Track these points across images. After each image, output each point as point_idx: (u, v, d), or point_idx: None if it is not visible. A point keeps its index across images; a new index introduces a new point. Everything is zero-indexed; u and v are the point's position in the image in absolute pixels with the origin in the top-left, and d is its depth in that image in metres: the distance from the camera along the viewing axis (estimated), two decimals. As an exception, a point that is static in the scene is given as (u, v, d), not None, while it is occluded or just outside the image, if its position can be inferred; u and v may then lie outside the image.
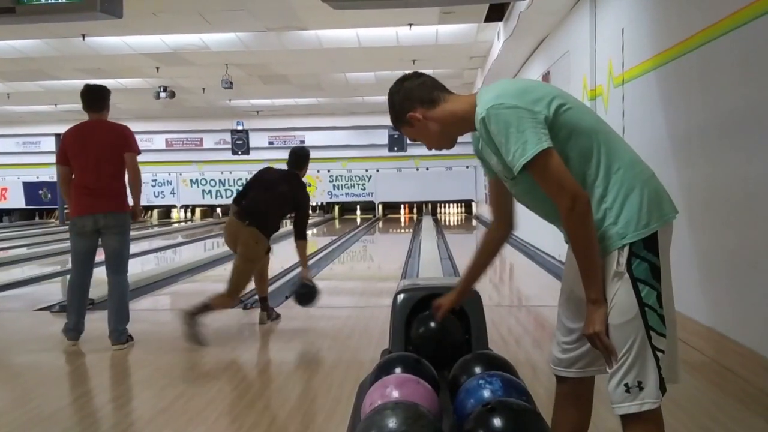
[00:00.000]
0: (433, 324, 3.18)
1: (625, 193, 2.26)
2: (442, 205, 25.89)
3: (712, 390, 4.31)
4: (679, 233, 2.48)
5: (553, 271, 9.46)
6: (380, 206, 25.83)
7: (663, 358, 2.24)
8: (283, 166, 6.40)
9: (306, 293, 6.20)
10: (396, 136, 23.30)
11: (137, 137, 5.74)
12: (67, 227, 5.65)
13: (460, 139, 2.58)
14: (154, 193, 26.22)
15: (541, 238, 11.62)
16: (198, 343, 5.47)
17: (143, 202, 26.58)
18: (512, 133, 2.21)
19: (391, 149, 23.71)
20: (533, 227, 3.25)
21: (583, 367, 2.50)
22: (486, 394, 2.53)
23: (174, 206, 26.68)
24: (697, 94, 5.26)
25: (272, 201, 6.08)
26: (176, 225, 23.84)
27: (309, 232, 7.10)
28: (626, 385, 2.22)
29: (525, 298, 8.47)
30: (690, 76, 5.38)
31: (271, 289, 7.80)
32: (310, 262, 6.28)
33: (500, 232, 2.83)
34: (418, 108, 2.46)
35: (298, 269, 6.80)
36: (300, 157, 6.37)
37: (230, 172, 25.28)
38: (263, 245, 6.00)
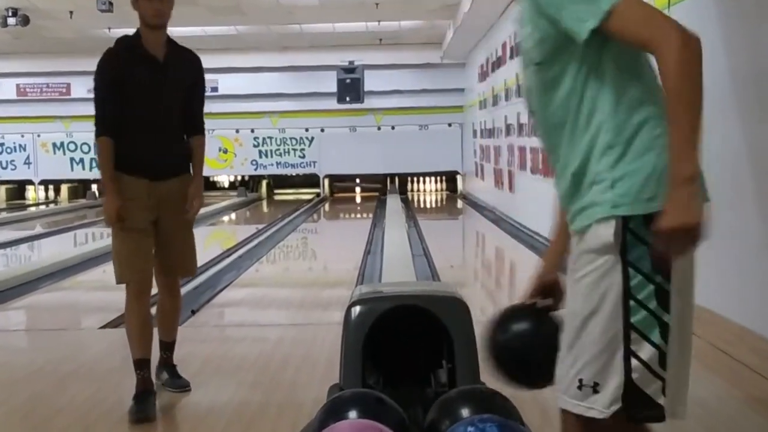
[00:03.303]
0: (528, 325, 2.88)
1: (641, 148, 2.39)
2: (415, 179, 25.92)
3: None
4: (745, 218, 2.52)
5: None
6: (326, 181, 25.78)
7: (644, 373, 2.38)
8: None
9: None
10: (349, 80, 23.26)
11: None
12: None
13: (443, 85, 2.65)
14: (2, 163, 25.88)
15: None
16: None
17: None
18: None
19: (341, 99, 23.65)
20: (542, 210, 3.26)
21: None
22: (477, 446, 2.55)
23: (30, 182, 26.38)
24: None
25: None
26: (33, 209, 23.55)
27: (225, 218, 7.08)
28: (580, 380, 2.43)
29: (532, 311, 8.52)
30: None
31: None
32: (228, 259, 6.25)
33: None
34: None
35: (212, 271, 6.75)
36: None
37: (111, 133, 24.84)
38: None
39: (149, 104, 5.07)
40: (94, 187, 25.94)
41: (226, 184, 26.85)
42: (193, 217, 5.29)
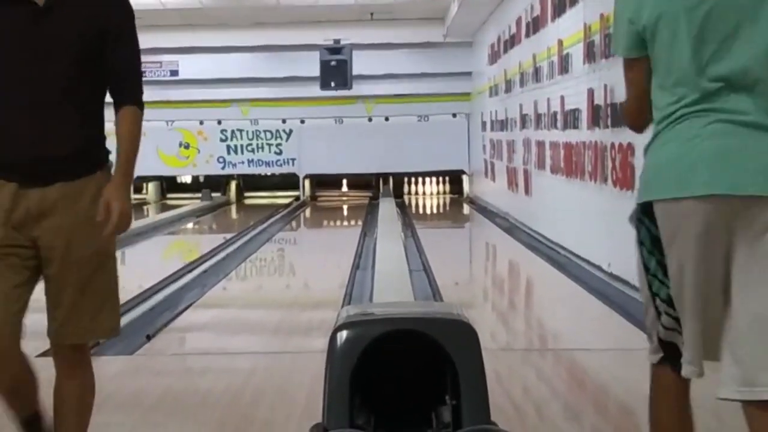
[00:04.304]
0: None
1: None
2: (413, 179, 25.90)
3: None
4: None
5: (601, 291, 9.53)
6: (307, 182, 25.75)
7: (669, 333, 3.34)
8: (147, 114, 5.67)
9: None
10: (334, 63, 23.24)
11: None
12: None
13: (446, 69, 2.72)
14: None
15: (578, 236, 11.70)
16: None
17: None
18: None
19: (325, 86, 23.57)
20: (565, 216, 3.45)
21: None
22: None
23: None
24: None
25: None
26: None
27: (186, 226, 7.06)
28: (648, 335, 3.48)
29: (552, 337, 8.53)
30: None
31: (127, 319, 7.73)
32: (191, 275, 6.21)
33: None
34: None
35: (170, 289, 6.73)
36: None
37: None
38: None
39: (19, 69, 3.92)
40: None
41: (189, 180, 26.74)
42: (111, 235, 3.88)
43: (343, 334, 3.49)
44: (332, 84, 23.32)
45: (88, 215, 3.81)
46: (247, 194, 26.55)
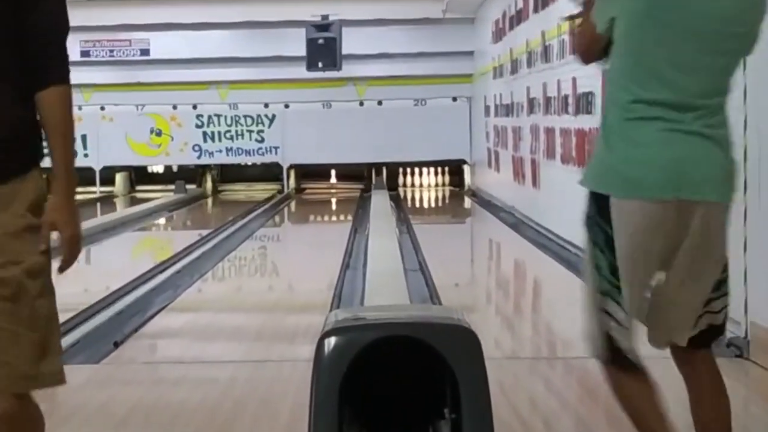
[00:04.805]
0: None
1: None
2: (409, 170, 25.89)
3: None
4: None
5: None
6: (292, 173, 25.74)
7: (618, 328, 3.85)
8: (115, 97, 5.78)
9: None
10: (322, 41, 23.21)
11: None
12: None
13: (445, 47, 2.75)
14: None
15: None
16: None
17: None
18: None
19: (312, 66, 23.56)
20: (575, 211, 3.49)
21: None
22: None
23: None
24: None
25: None
26: None
27: (158, 222, 7.04)
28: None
29: (562, 344, 8.55)
30: None
31: (93, 324, 7.73)
32: (163, 276, 6.19)
33: None
34: None
35: (140, 291, 6.73)
36: None
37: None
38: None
39: None
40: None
41: (161, 170, 26.66)
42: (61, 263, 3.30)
43: (331, 341, 3.50)
44: (320, 64, 23.28)
45: (20, 227, 3.21)
46: (225, 186, 26.51)
